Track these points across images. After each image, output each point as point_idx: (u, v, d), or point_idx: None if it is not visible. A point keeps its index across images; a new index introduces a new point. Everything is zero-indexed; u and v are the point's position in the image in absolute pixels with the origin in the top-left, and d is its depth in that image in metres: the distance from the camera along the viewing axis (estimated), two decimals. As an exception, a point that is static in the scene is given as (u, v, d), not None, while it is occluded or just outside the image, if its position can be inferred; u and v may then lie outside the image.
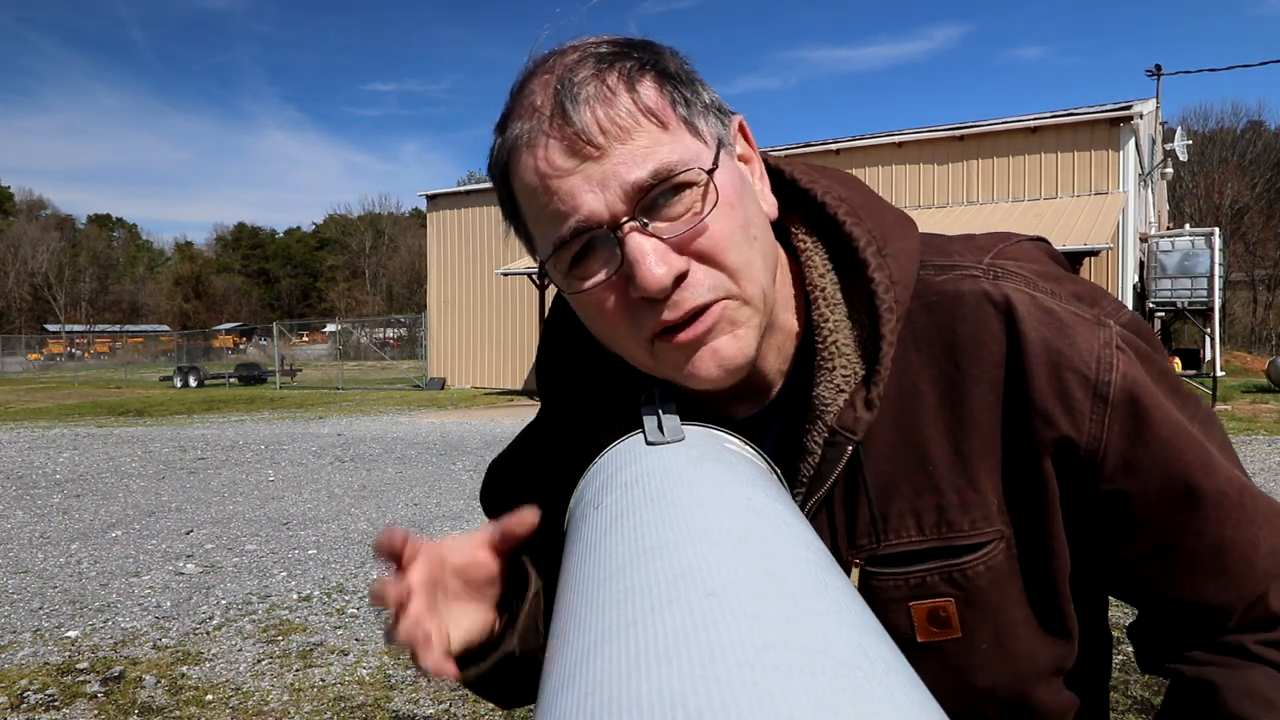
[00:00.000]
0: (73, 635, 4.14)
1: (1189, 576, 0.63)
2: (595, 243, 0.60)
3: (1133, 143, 14.79)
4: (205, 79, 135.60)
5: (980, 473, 0.63)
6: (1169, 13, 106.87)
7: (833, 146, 17.25)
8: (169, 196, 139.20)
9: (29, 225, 67.97)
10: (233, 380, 26.83)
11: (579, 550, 0.48)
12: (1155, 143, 19.26)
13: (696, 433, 0.62)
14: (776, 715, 0.27)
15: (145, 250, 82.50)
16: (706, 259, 0.60)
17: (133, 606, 4.56)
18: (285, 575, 5.11)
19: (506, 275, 18.75)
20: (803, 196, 0.69)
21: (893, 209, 0.70)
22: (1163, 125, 21.57)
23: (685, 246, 0.59)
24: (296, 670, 3.67)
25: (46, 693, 3.47)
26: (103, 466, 9.48)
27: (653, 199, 0.58)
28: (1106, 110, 15.16)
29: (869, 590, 0.65)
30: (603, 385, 0.74)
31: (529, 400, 17.46)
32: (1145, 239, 15.65)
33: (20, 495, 7.81)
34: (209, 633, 4.14)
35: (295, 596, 4.71)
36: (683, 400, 0.68)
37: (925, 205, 16.17)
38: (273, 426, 13.66)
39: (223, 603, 4.60)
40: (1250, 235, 40.41)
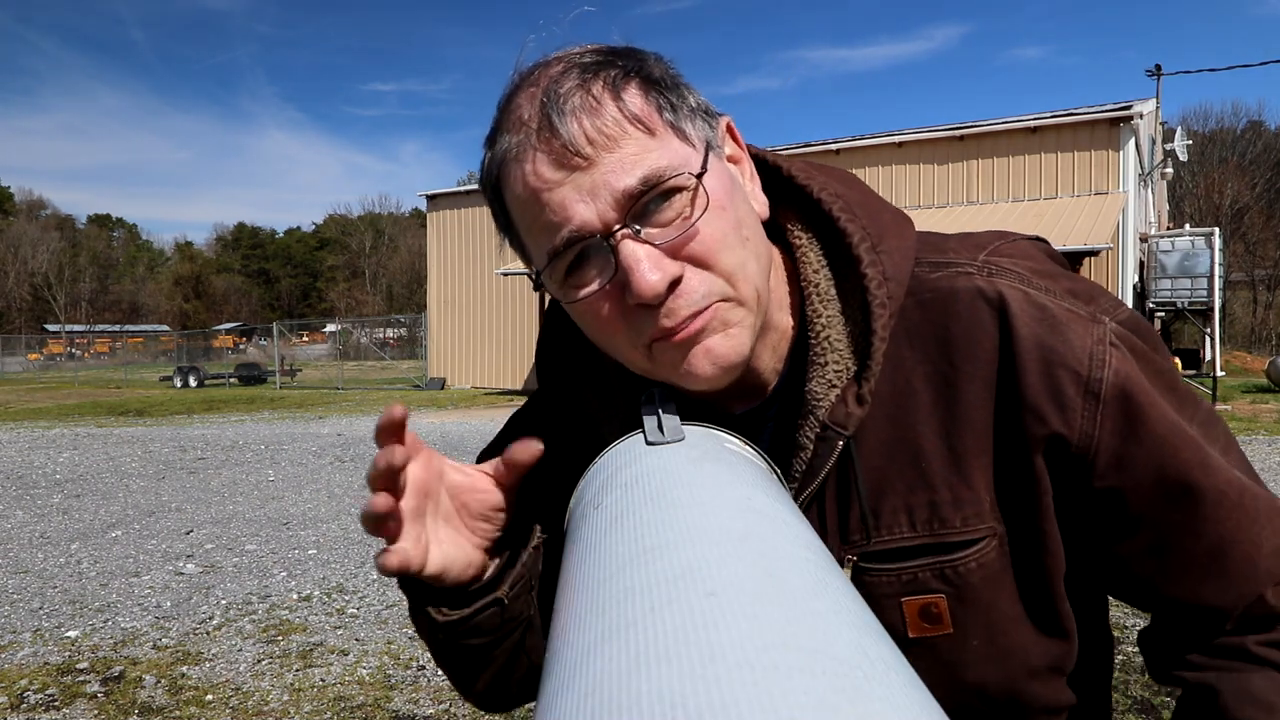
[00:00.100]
0: (73, 635, 4.14)
1: (1187, 576, 0.63)
2: (589, 252, 0.60)
3: (1133, 143, 14.79)
4: (205, 79, 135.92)
5: (973, 469, 0.63)
6: (1169, 13, 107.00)
7: (833, 146, 17.25)
8: (169, 196, 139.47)
9: (29, 225, 67.98)
10: (233, 380, 26.83)
11: (579, 550, 0.48)
12: (1155, 143, 19.25)
13: (696, 433, 0.62)
14: (776, 715, 0.27)
15: (145, 250, 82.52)
16: (699, 262, 0.60)
17: (133, 606, 4.56)
18: (285, 575, 5.11)
19: (506, 275, 18.76)
20: (799, 193, 0.69)
21: (890, 207, 0.70)
22: (1163, 125, 21.57)
23: (678, 251, 0.60)
24: (296, 670, 3.67)
25: (46, 693, 3.47)
26: (103, 466, 9.48)
27: (643, 205, 0.59)
28: (1106, 110, 15.16)
29: (861, 586, 0.65)
30: (603, 381, 0.74)
31: (529, 400, 17.41)
32: (1145, 239, 15.65)
33: (20, 495, 7.81)
34: (209, 633, 4.14)
35: (295, 596, 4.71)
36: (682, 399, 0.68)
37: (925, 205, 16.16)
38: (273, 426, 13.66)
39: (223, 603, 4.60)
40: (1250, 235, 40.41)
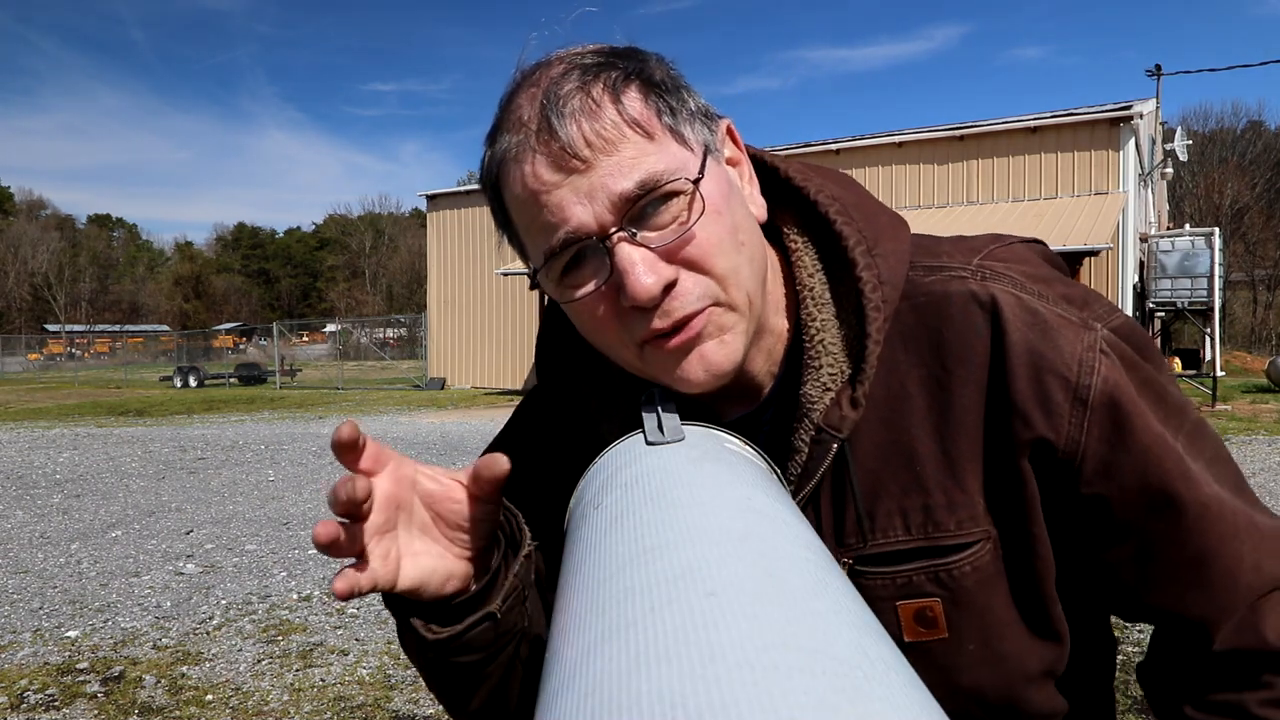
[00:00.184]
0: (73, 635, 4.14)
1: (1170, 586, 0.63)
2: (585, 253, 0.61)
3: (1133, 143, 14.79)
4: (205, 79, 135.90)
5: (967, 473, 0.63)
6: (1169, 13, 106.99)
7: (833, 146, 17.25)
8: (169, 196, 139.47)
9: (29, 225, 67.99)
10: (233, 380, 26.83)
11: (579, 550, 0.48)
12: (1155, 143, 19.25)
13: (696, 433, 0.62)
14: (776, 715, 0.27)
15: (145, 250, 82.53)
16: (695, 266, 0.61)
17: (133, 606, 4.56)
18: (285, 575, 5.11)
19: (506, 275, 18.75)
20: (796, 195, 0.69)
21: (886, 210, 0.70)
22: (1163, 125, 21.56)
23: (673, 255, 0.60)
24: (296, 670, 3.67)
25: (46, 693, 3.47)
26: (103, 466, 9.48)
27: (640, 209, 0.59)
28: (1106, 110, 15.16)
29: (856, 589, 0.65)
30: (602, 380, 0.74)
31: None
32: (1145, 239, 15.64)
33: (20, 495, 7.81)
34: (209, 633, 4.14)
35: (295, 596, 4.71)
36: (681, 400, 0.68)
37: (925, 205, 16.16)
38: (273, 426, 13.66)
39: (223, 603, 4.60)
40: (1250, 235, 40.41)
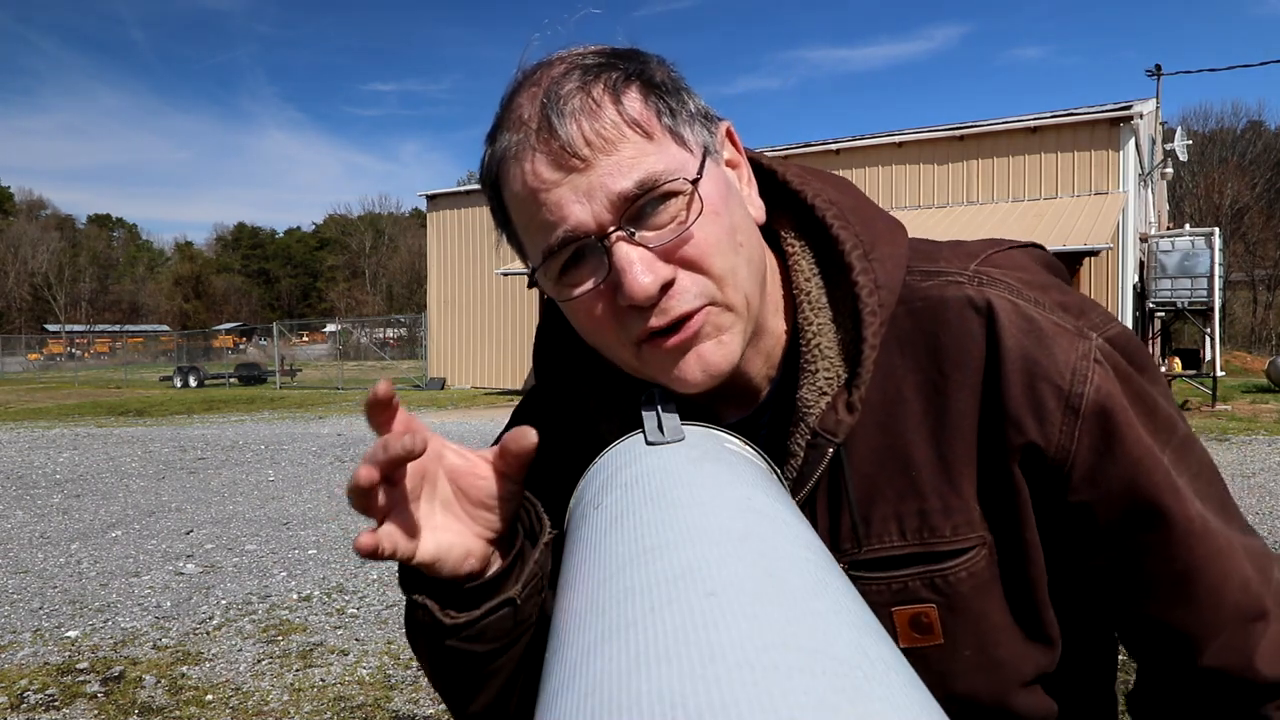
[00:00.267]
0: (73, 635, 4.14)
1: (1156, 598, 0.63)
2: (583, 252, 0.61)
3: (1133, 143, 14.78)
4: (205, 79, 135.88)
5: (962, 478, 0.63)
6: (1169, 13, 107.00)
7: (833, 147, 17.24)
8: (169, 196, 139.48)
9: (29, 225, 67.99)
10: (233, 380, 26.83)
11: (579, 550, 0.48)
12: (1155, 143, 19.25)
13: (696, 433, 0.62)
14: (776, 715, 0.27)
15: (145, 250, 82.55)
16: (692, 266, 0.61)
17: (133, 606, 4.56)
18: (285, 575, 5.11)
19: (506, 275, 18.76)
20: (794, 198, 0.70)
21: (884, 214, 0.71)
22: (1163, 125, 21.56)
23: (671, 254, 0.60)
24: (296, 670, 3.67)
25: (46, 693, 3.47)
26: (103, 466, 9.48)
27: (639, 208, 0.59)
28: (1106, 110, 15.16)
29: None
30: (601, 379, 0.74)
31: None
32: (1145, 239, 15.64)
33: (20, 495, 7.81)
34: (209, 633, 4.15)
35: (295, 596, 4.71)
36: (681, 402, 0.68)
37: (925, 205, 16.16)
38: (273, 426, 13.66)
39: (223, 603, 4.60)
40: (1250, 235, 40.42)
